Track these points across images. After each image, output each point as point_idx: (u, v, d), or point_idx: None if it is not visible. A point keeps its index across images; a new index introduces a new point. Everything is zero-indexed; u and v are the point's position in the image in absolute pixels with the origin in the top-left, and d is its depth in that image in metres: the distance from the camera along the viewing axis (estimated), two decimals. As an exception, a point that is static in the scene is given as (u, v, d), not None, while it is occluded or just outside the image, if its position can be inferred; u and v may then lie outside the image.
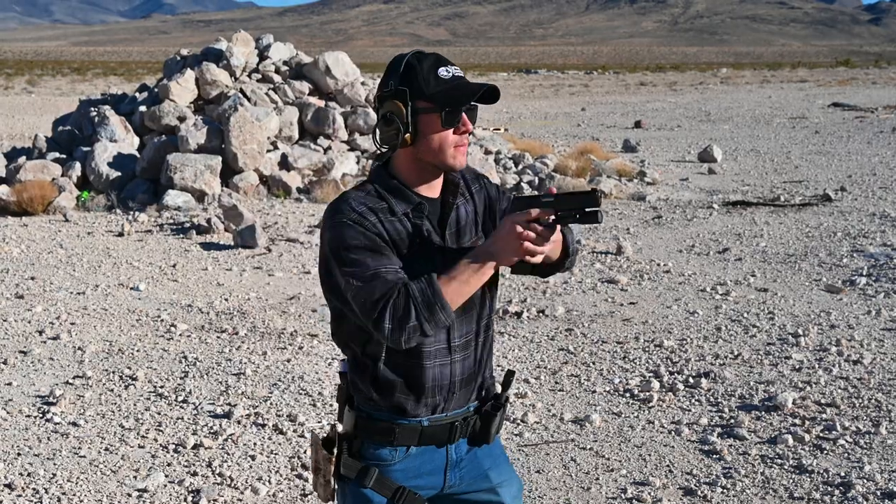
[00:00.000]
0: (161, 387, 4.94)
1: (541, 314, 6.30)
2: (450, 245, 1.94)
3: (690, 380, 4.98)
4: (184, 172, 10.56)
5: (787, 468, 3.92)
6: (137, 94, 13.30)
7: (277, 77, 13.19)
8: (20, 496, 3.70)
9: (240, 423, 4.43)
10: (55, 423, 4.42)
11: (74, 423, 4.42)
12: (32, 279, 7.38)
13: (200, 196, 10.54)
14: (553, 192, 1.80)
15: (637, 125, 22.57)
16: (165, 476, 3.86)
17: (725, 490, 3.74)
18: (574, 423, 4.44)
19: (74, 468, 3.94)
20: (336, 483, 2.01)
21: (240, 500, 3.68)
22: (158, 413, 4.57)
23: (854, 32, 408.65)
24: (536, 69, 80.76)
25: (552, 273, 2.02)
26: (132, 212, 10.18)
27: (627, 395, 4.80)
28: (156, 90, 12.69)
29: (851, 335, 5.74)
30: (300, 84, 12.93)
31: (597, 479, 3.85)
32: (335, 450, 1.99)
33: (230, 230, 9.00)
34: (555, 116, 26.67)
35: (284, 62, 13.56)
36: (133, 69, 68.37)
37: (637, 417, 4.51)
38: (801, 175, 13.24)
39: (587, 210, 1.78)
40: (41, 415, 4.55)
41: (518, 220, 1.78)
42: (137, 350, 5.60)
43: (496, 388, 2.12)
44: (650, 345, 5.64)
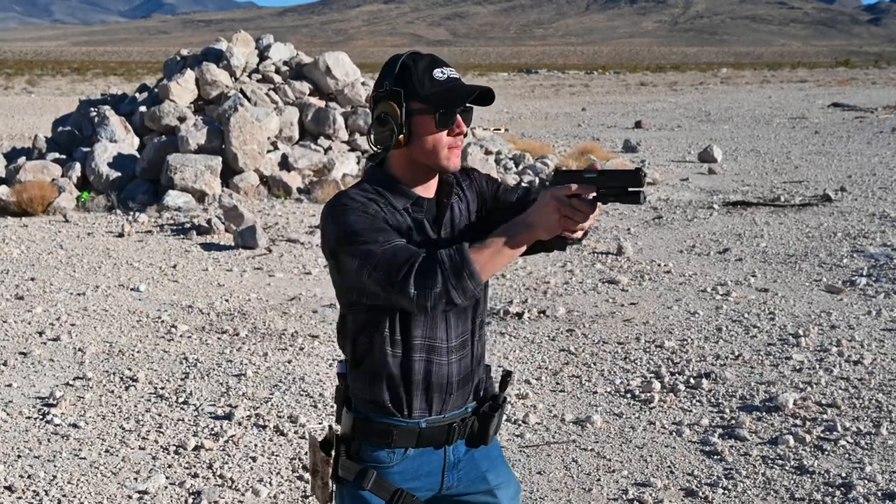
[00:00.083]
0: (162, 388, 4.94)
1: (542, 315, 6.30)
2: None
3: (691, 380, 4.98)
4: (184, 173, 10.56)
5: (789, 469, 3.92)
6: (137, 95, 13.30)
7: (278, 77, 13.19)
8: (20, 498, 3.69)
9: (241, 425, 4.42)
10: (55, 425, 4.42)
11: (75, 425, 4.41)
12: (32, 280, 7.38)
13: (201, 196, 10.54)
14: (596, 169, 1.74)
15: (637, 125, 22.56)
16: (166, 478, 3.85)
17: (727, 491, 3.73)
18: (575, 424, 4.44)
19: (75, 470, 3.94)
20: (334, 485, 2.00)
21: (241, 502, 3.68)
22: (159, 414, 4.57)
23: (854, 33, 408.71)
24: (537, 69, 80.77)
25: (569, 246, 1.93)
26: (132, 212, 10.18)
27: (628, 396, 4.79)
28: (156, 90, 12.70)
29: (852, 335, 5.74)
30: (300, 84, 12.93)
31: (598, 481, 3.85)
32: (333, 452, 1.99)
33: (231, 231, 9.00)
34: (555, 116, 26.66)
35: (285, 62, 13.56)
36: (133, 69, 68.39)
37: (638, 418, 4.51)
38: (801, 175, 13.24)
39: (630, 190, 1.71)
40: (41, 416, 4.54)
41: (558, 195, 1.72)
42: (138, 351, 5.60)
43: (494, 389, 2.11)
44: (651, 345, 5.63)
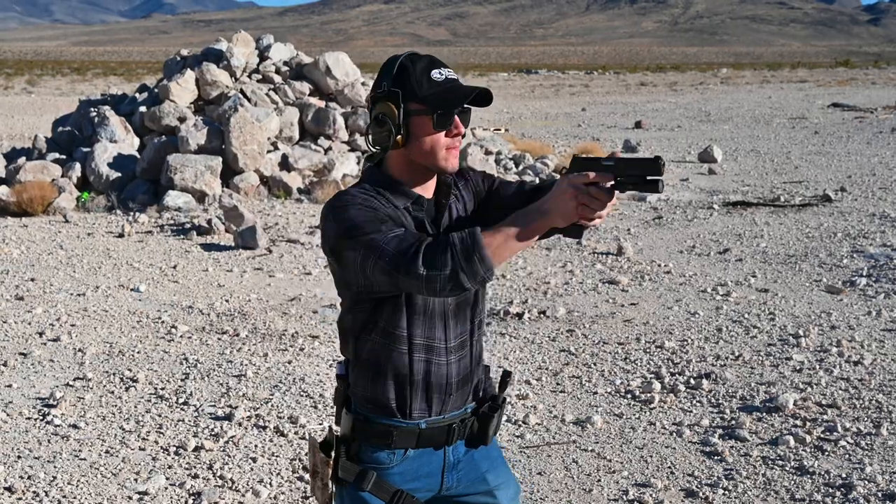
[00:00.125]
0: (162, 389, 4.94)
1: (542, 315, 6.30)
2: None
3: (692, 381, 4.97)
4: (184, 173, 10.56)
5: (789, 469, 3.92)
6: (137, 95, 13.30)
7: (278, 77, 13.19)
8: (20, 499, 3.69)
9: (241, 426, 4.42)
10: (55, 426, 4.42)
11: (75, 426, 4.41)
12: (32, 280, 7.38)
13: (201, 197, 10.54)
14: (615, 157, 1.71)
15: (637, 125, 22.56)
16: (166, 479, 3.85)
17: (727, 492, 3.73)
18: (575, 425, 4.44)
19: (75, 471, 3.94)
20: (334, 486, 2.00)
21: (241, 503, 3.67)
22: (159, 415, 4.56)
23: (853, 33, 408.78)
24: (537, 69, 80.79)
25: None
26: (132, 213, 10.17)
27: (629, 397, 4.79)
28: (156, 90, 12.70)
29: (852, 336, 5.74)
30: (300, 84, 12.93)
31: (598, 481, 3.85)
32: (333, 453, 1.98)
33: (231, 231, 8.99)
34: (555, 117, 26.66)
35: (285, 62, 13.56)
36: (133, 69, 68.40)
37: (638, 419, 4.51)
38: (801, 175, 13.24)
39: (648, 178, 1.67)
40: (41, 417, 4.54)
41: (575, 182, 1.69)
42: (138, 352, 5.60)
43: (494, 389, 2.11)
44: (651, 346, 5.63)
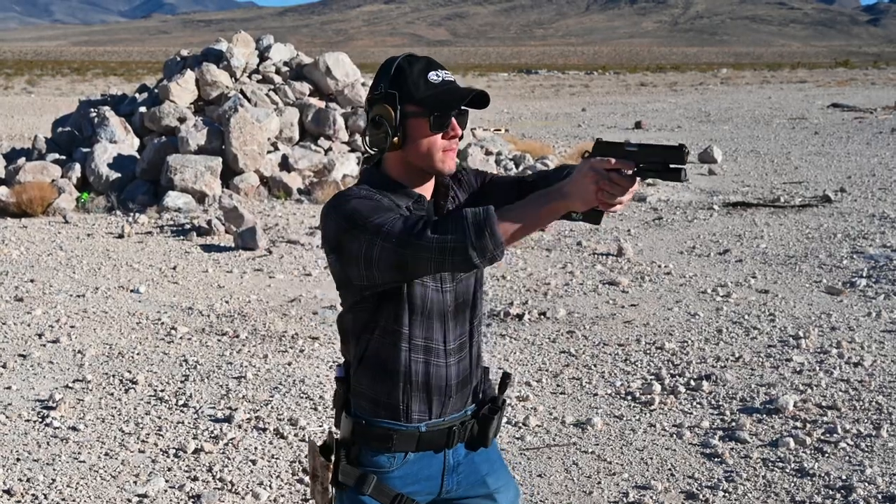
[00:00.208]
0: (161, 391, 4.93)
1: (542, 316, 6.29)
2: None
3: (692, 382, 4.97)
4: (184, 174, 10.55)
5: (789, 471, 3.91)
6: (137, 95, 13.29)
7: (278, 78, 13.19)
8: (19, 502, 3.69)
9: (241, 428, 4.42)
10: (55, 428, 4.41)
11: (74, 428, 4.40)
12: (32, 282, 7.37)
13: (201, 197, 10.53)
14: (639, 142, 1.69)
15: (637, 126, 22.56)
16: (166, 481, 3.85)
17: (727, 494, 3.73)
18: (576, 427, 4.43)
19: (74, 473, 3.93)
20: (334, 490, 1.99)
21: (240, 505, 3.67)
22: (159, 417, 4.56)
23: (853, 33, 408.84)
24: (537, 69, 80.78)
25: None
26: (132, 213, 10.17)
27: (629, 398, 4.79)
28: (156, 91, 12.69)
29: (852, 337, 5.74)
30: (300, 85, 12.92)
31: (598, 483, 3.84)
32: (333, 456, 1.98)
33: (231, 232, 8.99)
34: (555, 117, 26.66)
35: (285, 63, 13.56)
36: (133, 69, 68.40)
37: (639, 420, 4.50)
38: (801, 176, 13.23)
39: (671, 166, 1.64)
40: (40, 419, 4.53)
41: (597, 167, 1.67)
42: (137, 353, 5.59)
43: (493, 391, 2.10)
44: (651, 347, 5.63)
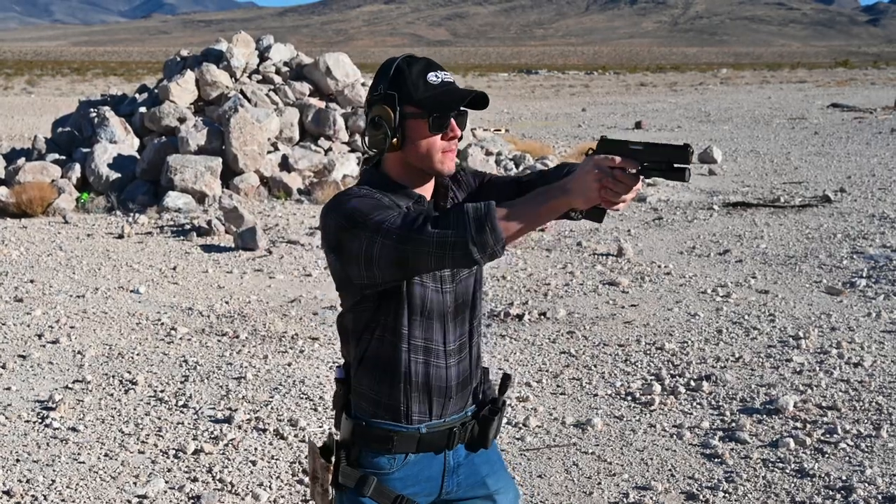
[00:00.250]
0: (161, 391, 4.93)
1: (542, 317, 6.29)
2: None
3: (692, 383, 4.97)
4: (184, 174, 10.55)
5: (789, 472, 3.91)
6: (137, 95, 13.29)
7: (278, 78, 13.19)
8: (19, 503, 3.69)
9: (240, 428, 4.41)
10: (54, 429, 4.41)
11: (74, 429, 4.40)
12: (32, 282, 7.37)
13: (201, 198, 10.53)
14: (643, 141, 1.70)
15: (637, 126, 22.56)
16: (165, 482, 3.84)
17: (727, 494, 3.72)
18: (576, 427, 4.43)
19: (74, 474, 3.93)
20: (334, 492, 1.99)
21: (240, 506, 3.67)
22: (158, 418, 4.56)
23: (852, 33, 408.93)
24: (537, 69, 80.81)
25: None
26: (132, 213, 10.17)
27: (629, 399, 4.79)
28: (156, 91, 12.69)
29: (852, 337, 5.73)
30: (301, 85, 12.92)
31: (599, 484, 3.84)
32: (333, 458, 1.98)
33: (231, 232, 8.99)
34: (555, 117, 26.66)
35: (285, 63, 13.55)
36: (133, 69, 68.41)
37: (639, 421, 4.50)
38: (801, 176, 13.23)
39: (675, 166, 1.64)
40: (40, 420, 4.53)
41: (601, 165, 1.67)
42: (137, 354, 5.59)
43: (493, 392, 2.10)
44: (651, 347, 5.63)
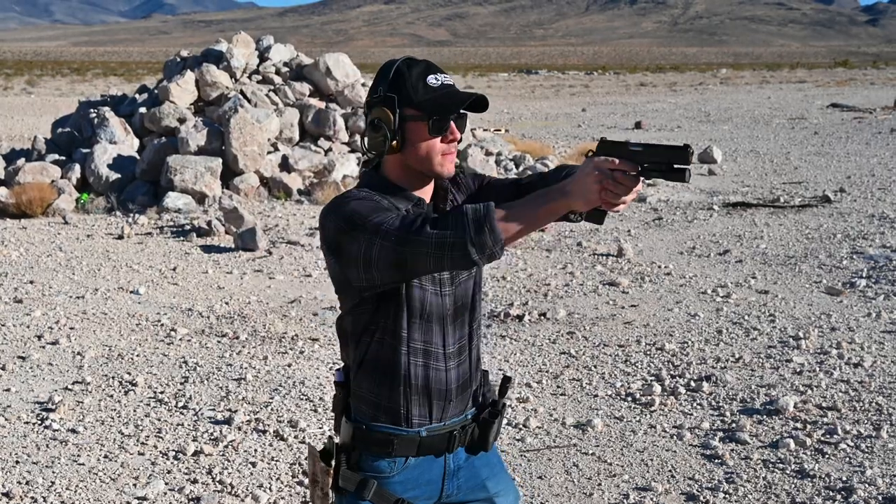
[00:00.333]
0: (161, 392, 4.93)
1: (542, 317, 6.29)
2: None
3: (692, 383, 4.97)
4: (184, 174, 10.55)
5: (789, 473, 3.91)
6: (137, 96, 13.29)
7: (278, 78, 13.18)
8: None
9: (240, 430, 4.41)
10: (54, 430, 4.40)
11: (73, 430, 4.40)
12: (31, 283, 7.36)
13: (201, 198, 10.53)
14: (643, 142, 1.70)
15: (637, 126, 22.56)
16: (165, 483, 3.84)
17: (728, 495, 3.72)
18: (576, 428, 4.43)
19: (73, 476, 3.93)
20: (334, 495, 1.99)
21: (240, 507, 3.66)
22: (158, 419, 4.55)
23: (852, 33, 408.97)
24: (537, 70, 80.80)
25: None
26: (132, 214, 10.16)
27: (629, 400, 4.78)
28: (156, 91, 12.68)
29: (852, 338, 5.73)
30: (301, 85, 12.92)
31: (599, 485, 3.84)
32: (333, 462, 1.97)
33: (231, 232, 8.98)
34: (555, 117, 26.65)
35: (285, 63, 13.55)
36: (133, 69, 68.40)
37: (639, 422, 4.50)
38: (801, 176, 13.23)
39: (675, 167, 1.64)
40: (40, 421, 4.53)
41: (601, 167, 1.67)
42: (137, 355, 5.59)
43: (493, 395, 2.10)
44: (651, 348, 5.62)
